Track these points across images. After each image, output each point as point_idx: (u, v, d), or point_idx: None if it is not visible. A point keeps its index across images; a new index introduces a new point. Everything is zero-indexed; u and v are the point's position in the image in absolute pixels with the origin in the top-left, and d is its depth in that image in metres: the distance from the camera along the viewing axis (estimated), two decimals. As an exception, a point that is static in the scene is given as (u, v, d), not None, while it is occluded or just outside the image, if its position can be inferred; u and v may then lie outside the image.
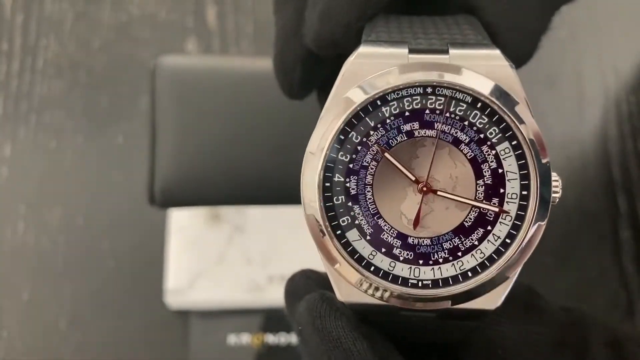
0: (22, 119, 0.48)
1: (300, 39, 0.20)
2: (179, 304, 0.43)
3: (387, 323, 0.15)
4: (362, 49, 0.14)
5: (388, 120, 0.13)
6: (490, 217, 0.13)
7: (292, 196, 0.35)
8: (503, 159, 0.13)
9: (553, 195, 0.13)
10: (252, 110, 0.34)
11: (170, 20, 0.52)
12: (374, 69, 0.14)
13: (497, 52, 0.14)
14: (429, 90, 0.13)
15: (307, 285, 0.17)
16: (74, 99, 0.49)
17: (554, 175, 0.13)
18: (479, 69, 0.13)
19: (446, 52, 0.13)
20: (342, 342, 0.14)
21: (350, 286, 0.14)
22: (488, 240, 0.13)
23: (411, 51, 0.14)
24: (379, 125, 0.13)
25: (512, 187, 0.13)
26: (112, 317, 0.43)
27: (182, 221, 0.44)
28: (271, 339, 0.43)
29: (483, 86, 0.13)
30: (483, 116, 0.13)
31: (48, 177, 0.47)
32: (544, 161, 0.13)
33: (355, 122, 0.14)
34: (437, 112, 0.13)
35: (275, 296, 0.43)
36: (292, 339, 0.43)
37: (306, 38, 0.19)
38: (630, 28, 0.54)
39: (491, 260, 0.13)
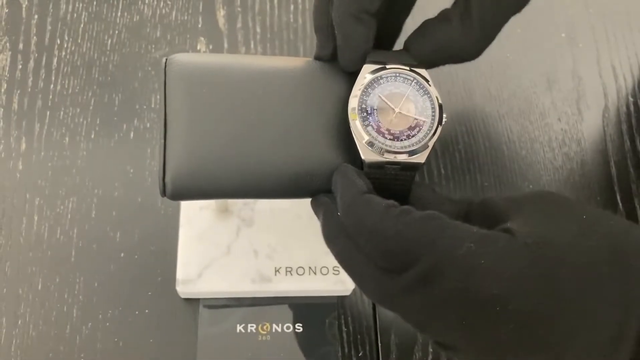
0: (37, 115, 0.50)
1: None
2: (188, 294, 0.44)
3: (379, 178, 0.31)
4: (367, 65, 0.33)
5: (382, 85, 0.32)
6: (422, 122, 0.31)
7: (299, 190, 0.35)
8: (424, 100, 0.32)
9: (444, 119, 0.31)
10: (262, 106, 0.34)
11: (181, 21, 0.53)
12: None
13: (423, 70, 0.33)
14: (398, 74, 0.32)
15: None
16: (87, 96, 0.50)
17: (445, 113, 0.32)
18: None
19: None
20: (356, 180, 0.30)
21: (368, 149, 0.31)
22: (421, 130, 0.31)
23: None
24: (379, 87, 0.32)
25: (429, 111, 0.32)
26: (123, 306, 0.44)
27: (191, 214, 0.45)
28: (277, 328, 0.44)
29: (418, 75, 0.33)
30: (417, 84, 0.32)
31: (61, 171, 0.48)
32: (439, 102, 0.32)
33: (369, 85, 0.32)
34: (404, 82, 0.32)
35: (281, 287, 0.44)
36: (297, 329, 0.44)
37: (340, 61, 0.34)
38: (628, 28, 0.55)
39: (424, 138, 0.31)
